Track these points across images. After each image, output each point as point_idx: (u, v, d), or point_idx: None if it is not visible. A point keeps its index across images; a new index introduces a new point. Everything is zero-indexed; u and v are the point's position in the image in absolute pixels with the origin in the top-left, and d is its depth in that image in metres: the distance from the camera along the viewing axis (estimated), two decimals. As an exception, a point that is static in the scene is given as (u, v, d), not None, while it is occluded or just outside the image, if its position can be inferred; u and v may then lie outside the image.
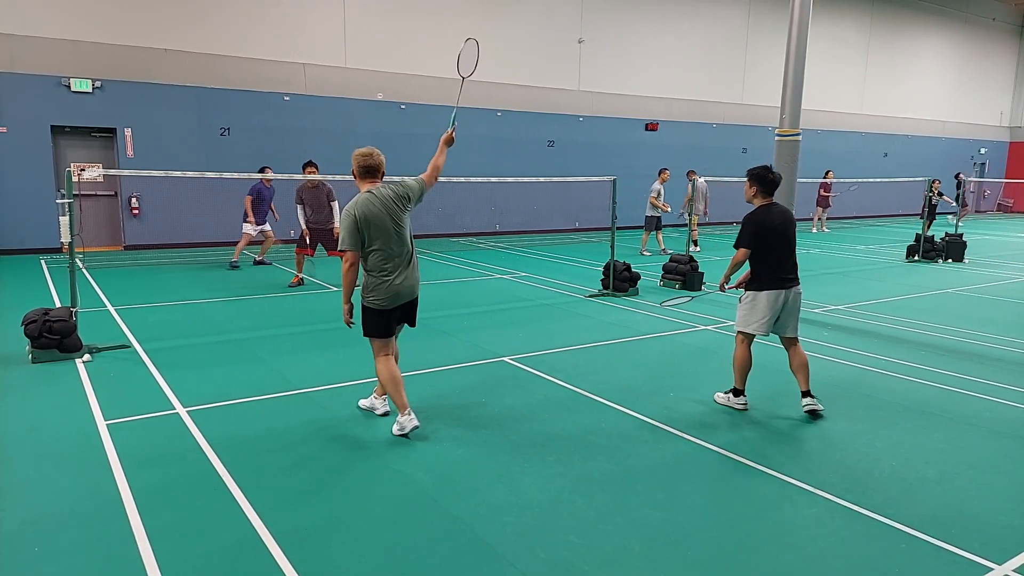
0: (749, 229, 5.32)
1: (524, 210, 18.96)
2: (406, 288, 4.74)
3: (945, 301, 10.31)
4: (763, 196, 5.40)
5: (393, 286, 4.68)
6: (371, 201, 4.62)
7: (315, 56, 15.76)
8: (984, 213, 31.18)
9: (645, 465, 4.41)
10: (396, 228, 4.68)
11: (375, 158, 4.77)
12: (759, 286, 5.35)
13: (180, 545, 3.40)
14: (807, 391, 5.36)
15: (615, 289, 10.14)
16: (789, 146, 8.77)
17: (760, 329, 5.37)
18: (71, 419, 5.00)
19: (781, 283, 5.33)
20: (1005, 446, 4.84)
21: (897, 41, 27.17)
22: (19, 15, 12.96)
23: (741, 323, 5.47)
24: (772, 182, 5.36)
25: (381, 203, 4.64)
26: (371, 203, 4.62)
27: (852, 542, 3.54)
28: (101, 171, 11.28)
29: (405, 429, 4.70)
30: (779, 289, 5.32)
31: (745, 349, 5.47)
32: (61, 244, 7.19)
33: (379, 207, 4.62)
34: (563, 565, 3.29)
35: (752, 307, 5.38)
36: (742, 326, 5.46)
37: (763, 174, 5.36)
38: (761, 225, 5.31)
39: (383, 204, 4.64)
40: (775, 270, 5.33)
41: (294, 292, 10.14)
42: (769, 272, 5.33)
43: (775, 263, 5.33)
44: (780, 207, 5.47)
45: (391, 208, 4.67)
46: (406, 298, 4.78)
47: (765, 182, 5.35)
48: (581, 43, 19.37)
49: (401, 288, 4.71)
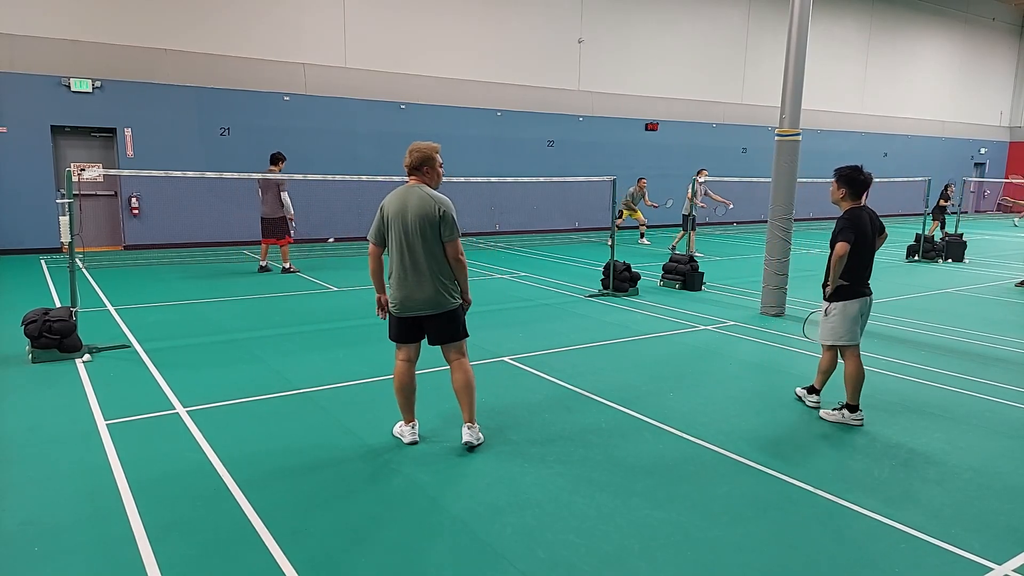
0: (853, 227, 5.00)
1: (524, 210, 18.96)
2: (412, 303, 4.42)
3: (945, 301, 10.31)
4: (852, 198, 5.12)
5: (398, 294, 4.44)
6: (400, 196, 4.39)
7: (315, 56, 15.77)
8: (984, 213, 31.19)
9: (645, 465, 4.41)
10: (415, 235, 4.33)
11: (411, 155, 4.44)
12: (850, 294, 5.08)
13: (180, 545, 3.39)
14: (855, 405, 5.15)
15: (615, 289, 10.13)
16: (789, 146, 8.77)
17: (857, 337, 5.12)
18: (71, 419, 5.00)
19: (867, 288, 5.15)
20: (1005, 446, 4.84)
21: (897, 41, 27.18)
22: (19, 15, 12.96)
23: (846, 336, 5.10)
24: (863, 183, 5.07)
25: (405, 202, 4.35)
26: (398, 198, 4.39)
27: (852, 542, 3.54)
28: (101, 171, 11.22)
29: (403, 439, 4.64)
30: (867, 295, 5.14)
31: (858, 361, 5.13)
32: (61, 244, 7.19)
33: (403, 205, 4.35)
34: (563, 565, 3.28)
35: (843, 317, 5.08)
36: (838, 340, 5.13)
37: (853, 175, 5.07)
38: (858, 228, 5.02)
39: (410, 203, 4.34)
40: (863, 275, 5.12)
41: (294, 293, 10.14)
42: (859, 277, 5.09)
43: (863, 268, 5.11)
44: (869, 210, 5.19)
45: (422, 214, 4.31)
46: (415, 311, 4.45)
47: (855, 183, 5.07)
48: (581, 43, 19.37)
49: (407, 301, 4.42)
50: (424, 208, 4.32)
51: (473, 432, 4.60)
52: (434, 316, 4.48)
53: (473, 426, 4.62)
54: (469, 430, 4.60)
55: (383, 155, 16.30)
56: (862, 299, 5.11)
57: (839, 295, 5.10)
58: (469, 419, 4.63)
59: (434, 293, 4.42)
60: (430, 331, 4.55)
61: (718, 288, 10.94)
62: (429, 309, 4.45)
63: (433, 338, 4.56)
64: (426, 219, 4.31)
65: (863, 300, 5.12)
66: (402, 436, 4.66)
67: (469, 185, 16.36)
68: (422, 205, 4.33)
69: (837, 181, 5.14)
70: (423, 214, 4.31)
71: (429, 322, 4.51)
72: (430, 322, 4.51)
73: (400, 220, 4.34)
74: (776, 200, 8.82)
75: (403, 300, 4.44)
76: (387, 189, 4.94)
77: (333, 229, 16.07)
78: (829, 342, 5.24)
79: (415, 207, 4.33)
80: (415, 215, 4.31)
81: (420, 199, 4.35)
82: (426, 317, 4.48)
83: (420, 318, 4.49)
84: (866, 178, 5.07)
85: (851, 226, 5.01)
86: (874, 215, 5.21)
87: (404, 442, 4.61)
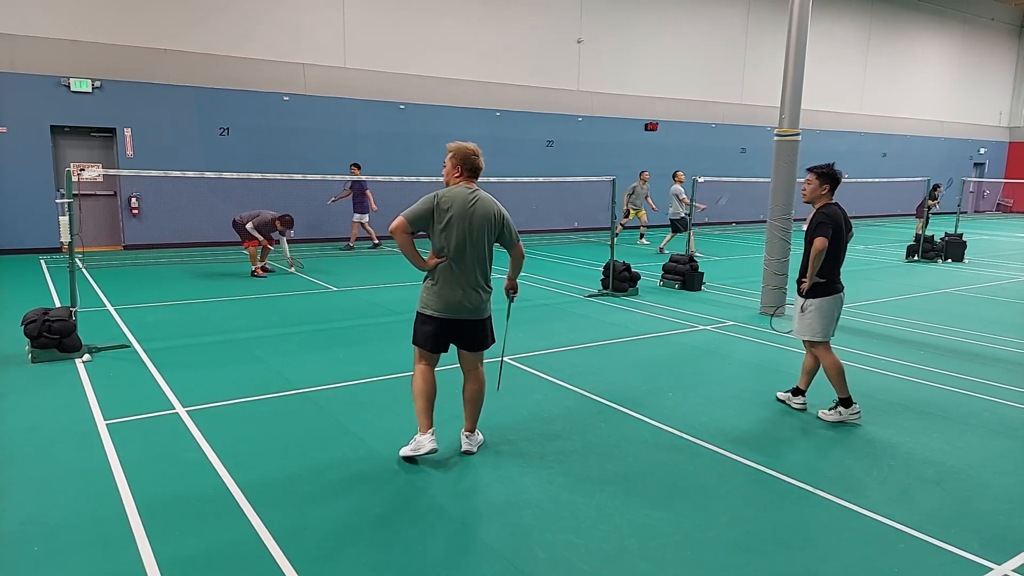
0: (827, 224, 5.09)
1: (523, 210, 18.95)
2: (459, 307, 4.31)
3: (945, 301, 10.32)
4: (830, 195, 5.27)
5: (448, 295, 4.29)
6: (465, 197, 4.26)
7: (315, 56, 15.76)
8: (983, 213, 31.20)
9: (645, 465, 4.41)
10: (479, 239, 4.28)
11: (481, 160, 4.41)
12: (827, 290, 5.19)
13: (180, 544, 3.40)
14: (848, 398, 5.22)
15: (615, 289, 10.14)
16: (789, 146, 8.78)
17: (831, 334, 5.24)
18: (71, 419, 5.00)
19: (839, 286, 5.25)
20: (1005, 446, 4.84)
21: (897, 41, 27.18)
22: (19, 15, 12.95)
23: (820, 333, 5.22)
24: (839, 180, 5.24)
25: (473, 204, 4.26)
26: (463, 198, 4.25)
27: (852, 542, 3.55)
28: (101, 171, 11.23)
29: (419, 451, 4.32)
30: (840, 292, 5.24)
31: (834, 355, 5.26)
32: (61, 244, 7.19)
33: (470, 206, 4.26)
34: (563, 565, 3.29)
35: (821, 313, 5.19)
36: (817, 336, 5.24)
37: (833, 172, 5.21)
38: (835, 223, 5.12)
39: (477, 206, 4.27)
40: (837, 270, 5.23)
41: (294, 293, 10.14)
42: (833, 273, 5.20)
43: (837, 264, 5.21)
44: (841, 207, 5.29)
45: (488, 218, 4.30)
46: (461, 315, 4.33)
47: (835, 180, 5.21)
48: (580, 43, 19.37)
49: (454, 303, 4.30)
50: (489, 213, 4.31)
51: (473, 441, 4.56)
52: (475, 322, 4.40)
53: (472, 435, 4.58)
54: (468, 439, 4.56)
55: (383, 155, 16.30)
56: (837, 296, 5.22)
57: (815, 292, 5.19)
58: (471, 428, 4.59)
59: (480, 299, 4.38)
60: (467, 337, 4.42)
61: (718, 288, 10.95)
62: (475, 315, 4.37)
63: (470, 344, 4.45)
64: (488, 224, 4.31)
65: (838, 297, 5.23)
66: (420, 448, 4.32)
67: (469, 185, 16.33)
68: (487, 209, 4.31)
69: (819, 178, 5.24)
70: (488, 218, 4.30)
71: (468, 327, 4.39)
72: (469, 327, 4.40)
73: (467, 221, 4.24)
74: (775, 200, 8.83)
75: (449, 302, 4.30)
76: (387, 189, 4.92)
77: (333, 229, 16.08)
78: (806, 337, 5.31)
79: (481, 211, 4.28)
80: (481, 218, 4.28)
81: (485, 203, 4.32)
82: (468, 322, 4.38)
83: (460, 323, 4.36)
84: (840, 175, 5.25)
85: (830, 221, 5.11)
86: (845, 212, 5.32)
87: (422, 452, 4.31)
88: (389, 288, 10.42)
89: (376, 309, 8.96)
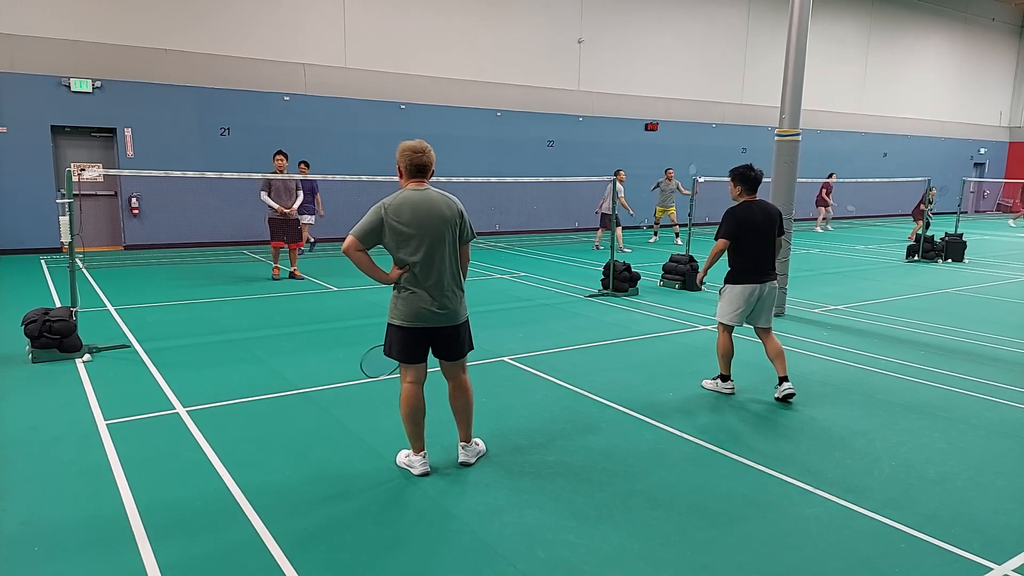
0: (730, 223, 5.57)
1: (524, 210, 18.97)
2: (433, 314, 4.04)
3: (945, 301, 10.31)
4: (747, 193, 5.65)
5: (420, 304, 4.02)
6: (415, 200, 3.97)
7: (315, 56, 15.77)
8: (983, 213, 31.20)
9: (644, 465, 4.41)
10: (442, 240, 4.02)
11: (428, 156, 4.06)
12: (735, 279, 5.65)
13: (180, 545, 3.40)
14: (784, 376, 5.62)
15: (615, 289, 10.14)
16: (789, 146, 8.77)
17: (735, 320, 5.68)
18: (71, 419, 5.00)
19: (757, 277, 5.58)
20: (1005, 446, 4.84)
21: (897, 41, 27.17)
22: (19, 15, 12.96)
23: (719, 314, 5.81)
24: (754, 179, 5.63)
25: (427, 206, 3.99)
26: (412, 203, 3.96)
27: (852, 542, 3.54)
28: (101, 171, 11.24)
29: (411, 470, 4.21)
30: (754, 283, 5.58)
31: (727, 337, 5.77)
32: (61, 244, 7.19)
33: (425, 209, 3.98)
34: (563, 565, 3.29)
35: (728, 300, 5.69)
36: (719, 317, 5.81)
37: (745, 172, 5.63)
38: (742, 220, 5.55)
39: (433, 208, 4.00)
40: (751, 264, 5.59)
41: (293, 292, 10.14)
42: (745, 266, 5.60)
43: (751, 258, 5.59)
44: (764, 204, 5.72)
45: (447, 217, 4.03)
46: (434, 322, 4.06)
47: (748, 180, 5.62)
48: (581, 43, 19.37)
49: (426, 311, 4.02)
50: (444, 212, 4.03)
51: (470, 451, 4.38)
52: (451, 328, 4.12)
53: (469, 445, 4.39)
54: (465, 450, 4.37)
55: (383, 155, 16.15)
56: (752, 285, 5.58)
57: (728, 279, 5.70)
58: (466, 438, 4.39)
59: (457, 302, 4.12)
60: (444, 345, 4.15)
61: (717, 288, 10.92)
62: (449, 320, 4.09)
63: (447, 352, 4.18)
64: (447, 224, 4.03)
65: (754, 287, 5.57)
66: (411, 467, 4.21)
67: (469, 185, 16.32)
68: (443, 209, 4.03)
69: (733, 179, 5.67)
70: (444, 219, 4.01)
71: (444, 334, 4.12)
72: (445, 334, 4.12)
73: (426, 226, 3.96)
74: (775, 200, 8.80)
75: (420, 311, 4.01)
76: (387, 189, 4.89)
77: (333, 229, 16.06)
78: (717, 318, 5.82)
79: (437, 212, 4.00)
80: (439, 220, 4.00)
81: (438, 203, 4.03)
82: (443, 329, 4.09)
83: (434, 330, 4.08)
84: (756, 174, 5.63)
85: (733, 221, 5.55)
86: (770, 208, 5.69)
87: (413, 474, 4.17)
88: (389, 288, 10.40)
89: (376, 309, 8.96)
